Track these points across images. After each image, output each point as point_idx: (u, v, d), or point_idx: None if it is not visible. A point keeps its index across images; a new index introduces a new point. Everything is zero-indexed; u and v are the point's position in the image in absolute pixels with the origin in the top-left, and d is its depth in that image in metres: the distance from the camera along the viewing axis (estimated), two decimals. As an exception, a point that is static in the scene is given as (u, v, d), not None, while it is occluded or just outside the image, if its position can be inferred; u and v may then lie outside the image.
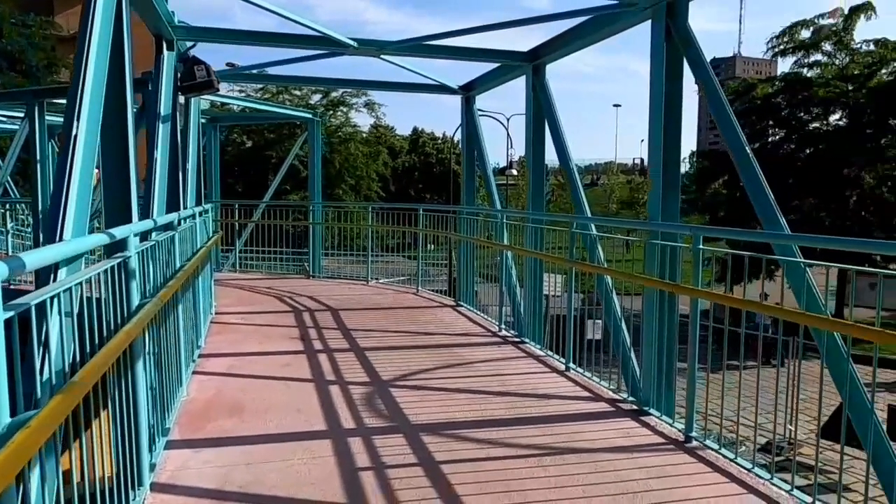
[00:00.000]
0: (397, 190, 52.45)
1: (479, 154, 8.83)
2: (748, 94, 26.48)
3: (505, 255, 7.41)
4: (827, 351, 3.31)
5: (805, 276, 3.40)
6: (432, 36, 6.90)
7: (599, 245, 5.60)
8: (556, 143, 6.58)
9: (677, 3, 4.54)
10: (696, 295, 3.84)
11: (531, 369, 5.74)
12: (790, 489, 3.31)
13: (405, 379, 5.38)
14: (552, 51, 6.51)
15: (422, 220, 9.47)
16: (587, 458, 3.78)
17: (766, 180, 4.06)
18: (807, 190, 24.10)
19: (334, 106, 36.72)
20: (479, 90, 8.63)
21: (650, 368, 4.53)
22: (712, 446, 3.89)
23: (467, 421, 4.39)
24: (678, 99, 4.65)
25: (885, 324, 3.04)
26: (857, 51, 24.39)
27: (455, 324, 7.62)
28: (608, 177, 67.65)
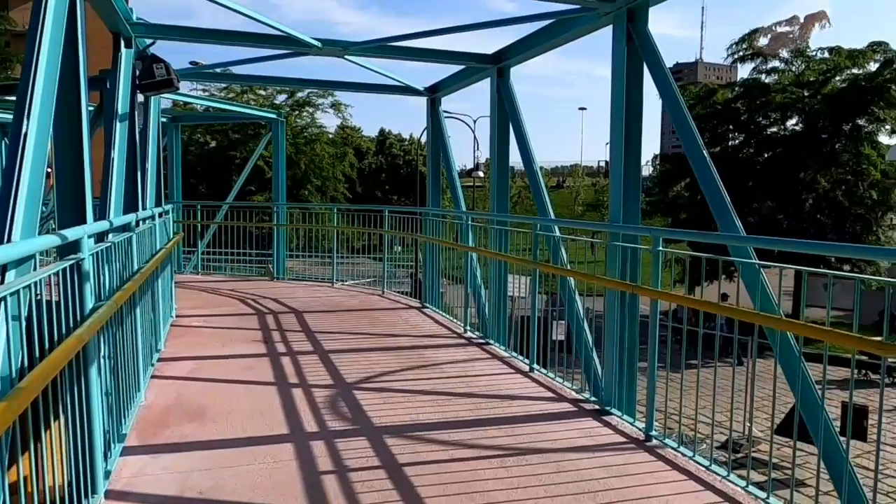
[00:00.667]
0: (364, 191, 52.20)
1: (444, 156, 8.84)
2: (709, 99, 27.02)
3: (470, 257, 7.43)
4: (780, 350, 3.41)
5: (759, 276, 3.49)
6: (397, 37, 6.90)
7: (563, 247, 5.65)
8: (521, 145, 6.63)
9: (637, 8, 4.62)
10: (656, 296, 3.91)
11: (496, 370, 5.76)
12: (746, 485, 3.39)
13: (369, 381, 5.35)
14: (516, 53, 6.56)
15: (387, 221, 9.44)
16: (550, 458, 3.81)
17: (722, 183, 4.15)
18: (765, 193, 24.69)
19: (300, 106, 36.31)
20: (444, 92, 8.64)
21: (612, 369, 4.59)
22: (671, 445, 3.96)
23: (431, 422, 4.39)
24: (638, 102, 4.72)
25: (838, 323, 3.14)
26: (813, 58, 25.10)
27: (420, 325, 7.61)
28: (574, 179, 68.39)
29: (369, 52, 7.02)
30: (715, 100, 26.71)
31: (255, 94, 34.39)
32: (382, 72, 8.12)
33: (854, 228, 23.74)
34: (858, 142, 23.85)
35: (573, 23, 5.41)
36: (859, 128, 23.90)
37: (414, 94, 8.94)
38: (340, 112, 37.13)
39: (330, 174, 38.25)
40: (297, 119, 36.58)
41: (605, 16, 4.86)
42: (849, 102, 23.28)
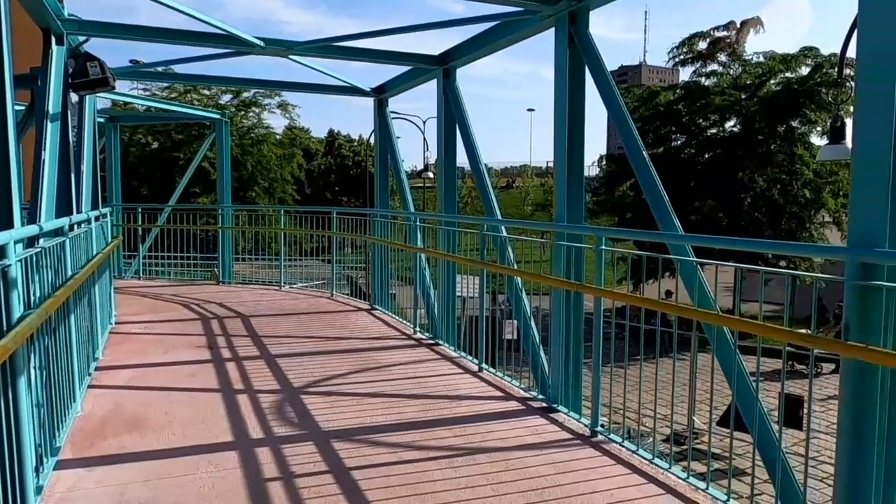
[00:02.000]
0: (313, 193, 51.54)
1: (392, 157, 8.81)
2: (652, 101, 27.74)
3: (419, 258, 7.42)
4: (717, 344, 3.52)
5: (697, 273, 3.60)
6: (343, 37, 6.83)
7: (510, 246, 5.70)
8: (467, 146, 6.66)
9: (579, 12, 4.70)
10: (599, 294, 3.98)
11: (445, 371, 5.77)
12: (686, 476, 3.49)
13: (317, 385, 5.29)
14: (461, 55, 6.59)
15: (335, 223, 9.35)
16: (498, 457, 3.83)
17: (661, 183, 4.26)
18: (706, 192, 25.50)
19: (246, 106, 35.62)
20: (391, 93, 8.61)
21: (558, 366, 4.65)
22: (616, 440, 4.04)
23: (380, 425, 4.37)
24: (581, 104, 4.80)
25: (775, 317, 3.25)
26: (749, 62, 26.06)
27: (370, 327, 7.56)
28: (523, 180, 69.21)
29: (314, 52, 6.94)
30: (658, 102, 27.43)
31: (199, 93, 33.57)
32: (328, 72, 8.03)
33: (789, 226, 24.73)
34: (792, 143, 24.87)
35: (517, 25, 5.47)
36: (793, 129, 24.93)
37: (361, 95, 8.87)
38: (288, 113, 36.58)
39: (278, 175, 37.64)
40: (244, 120, 35.89)
41: (547, 18, 4.93)
42: (783, 105, 24.26)
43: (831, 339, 2.70)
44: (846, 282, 2.67)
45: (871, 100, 2.70)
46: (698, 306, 3.40)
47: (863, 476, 2.64)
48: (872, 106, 2.69)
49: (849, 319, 2.64)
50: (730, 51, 26.10)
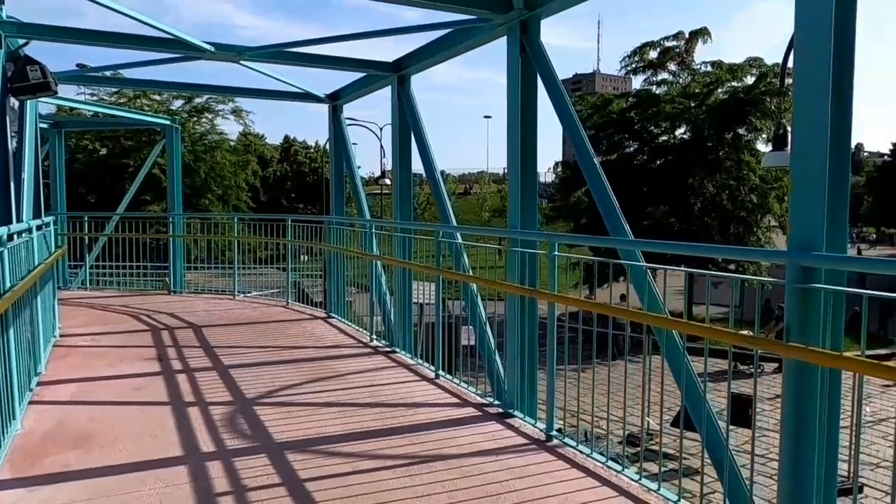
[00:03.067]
0: (269, 200, 50.88)
1: (347, 163, 8.75)
2: (605, 109, 28.28)
3: (375, 265, 7.38)
4: (666, 347, 3.60)
5: (646, 278, 3.67)
6: (295, 43, 6.77)
7: (465, 253, 5.72)
8: (422, 153, 6.66)
9: (530, 21, 4.76)
10: (553, 299, 4.02)
11: (402, 378, 5.74)
12: (639, 478, 3.54)
13: (271, 396, 5.20)
14: (416, 62, 6.60)
15: (290, 230, 9.23)
16: (454, 464, 3.83)
17: (611, 190, 4.33)
18: (659, 198, 26.10)
19: (198, 112, 34.92)
20: (346, 99, 8.56)
21: (514, 372, 4.68)
22: (571, 443, 4.08)
23: (335, 435, 4.32)
24: (533, 112, 4.86)
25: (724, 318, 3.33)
26: (697, 71, 26.83)
27: (326, 336, 7.48)
28: (480, 186, 69.61)
29: (266, 57, 6.85)
30: (611, 109, 27.98)
31: (150, 99, 32.82)
32: (282, 78, 7.94)
33: (737, 230, 25.49)
34: (739, 149, 25.68)
35: (470, 33, 5.51)
36: (739, 136, 25.75)
37: (315, 101, 8.80)
38: (242, 119, 36.05)
39: (232, 183, 37.02)
40: (196, 126, 35.18)
41: (499, 27, 4.98)
42: (730, 113, 25.03)
43: (773, 341, 2.79)
44: (787, 284, 2.76)
45: (807, 109, 2.80)
46: (648, 310, 3.47)
47: (804, 472, 2.73)
48: (808, 115, 2.79)
49: (790, 321, 2.73)
50: (679, 60, 26.82)
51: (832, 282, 2.72)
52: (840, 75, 2.80)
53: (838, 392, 2.79)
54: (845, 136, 2.83)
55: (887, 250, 54.90)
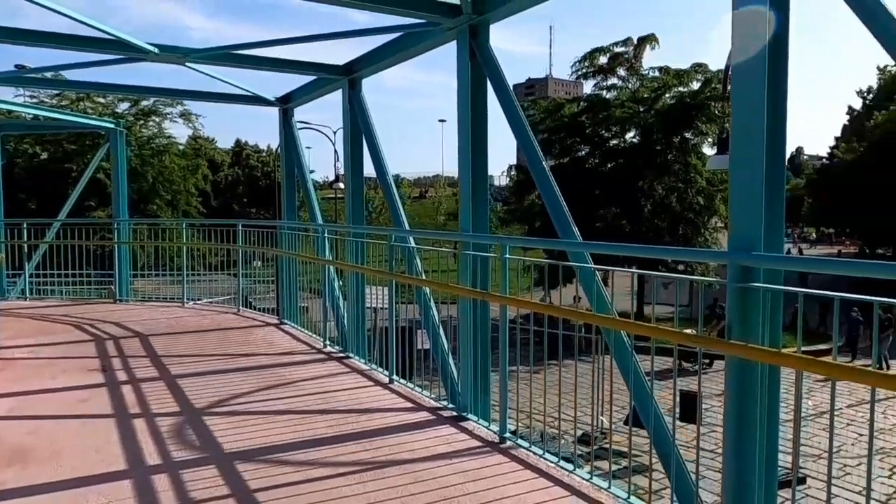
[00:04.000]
0: (220, 205, 49.91)
1: (299, 167, 8.65)
2: (557, 113, 28.74)
3: (328, 270, 7.31)
4: (615, 347, 3.66)
5: (595, 279, 3.73)
6: (243, 45, 6.65)
7: (418, 256, 5.71)
8: (374, 157, 6.63)
9: (479, 25, 4.79)
10: (504, 302, 4.05)
11: (355, 384, 5.69)
12: (590, 477, 3.59)
13: (221, 405, 5.08)
14: (367, 65, 6.57)
15: (240, 236, 9.06)
16: (408, 469, 3.81)
17: (560, 193, 4.39)
18: (610, 200, 26.64)
19: (145, 115, 34.09)
20: (296, 102, 8.46)
21: (467, 375, 4.69)
22: (524, 445, 4.11)
23: (287, 443, 4.25)
24: (483, 116, 4.89)
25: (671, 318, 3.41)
26: (646, 76, 27.50)
27: (278, 343, 7.36)
28: (436, 190, 69.78)
29: (213, 59, 6.71)
30: (563, 113, 28.44)
31: (94, 101, 31.84)
32: (231, 81, 7.79)
33: (686, 231, 26.19)
34: (686, 153, 26.42)
35: (420, 37, 5.51)
36: (686, 140, 26.49)
37: (265, 105, 8.67)
38: (191, 122, 35.34)
39: (181, 187, 36.21)
40: (143, 129, 34.33)
41: (448, 31, 5.00)
42: (677, 117, 25.74)
43: (715, 339, 2.87)
44: (728, 284, 2.84)
45: (744, 115, 2.89)
46: (597, 311, 3.52)
47: (746, 465, 2.81)
48: (745, 121, 2.88)
49: (731, 319, 2.81)
50: (628, 66, 27.45)
51: (771, 281, 2.81)
52: (775, 82, 2.91)
53: (777, 387, 2.89)
54: (780, 141, 2.94)
55: (826, 249, 57.21)
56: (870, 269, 2.48)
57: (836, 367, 2.46)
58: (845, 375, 2.42)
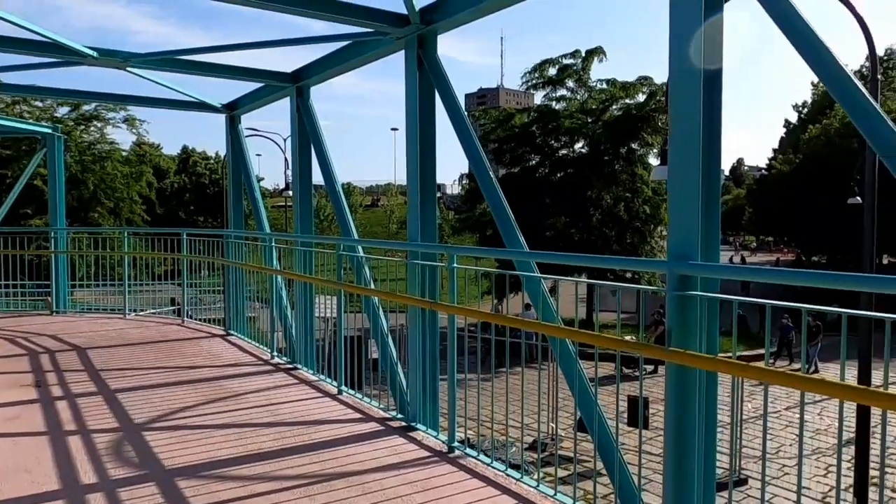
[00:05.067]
0: (166, 213, 48.57)
1: (246, 175, 8.50)
2: (508, 123, 29.07)
3: (275, 280, 7.19)
4: (560, 354, 3.71)
5: (541, 288, 3.78)
6: (188, 50, 6.51)
7: (367, 266, 5.68)
8: (322, 165, 6.57)
9: (427, 35, 4.82)
10: (452, 311, 4.06)
11: (303, 396, 5.61)
12: (537, 485, 3.62)
13: (163, 420, 4.93)
14: (315, 73, 6.51)
15: (185, 245, 8.84)
16: (355, 481, 3.77)
17: (506, 202, 4.44)
18: (560, 209, 27.06)
19: (86, 120, 32.88)
20: (244, 109, 8.32)
21: (416, 384, 4.68)
22: (472, 453, 4.12)
23: (231, 458, 4.15)
24: (431, 125, 4.91)
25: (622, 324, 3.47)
26: (594, 88, 28.11)
27: (224, 354, 7.20)
28: (388, 198, 69.58)
29: (156, 64, 6.55)
30: (513, 123, 28.79)
31: (31, 105, 30.59)
32: (174, 86, 7.61)
33: (633, 240, 26.80)
34: (633, 163, 27.09)
35: (368, 46, 5.51)
36: (633, 151, 27.16)
37: (211, 111, 8.49)
38: (135, 128, 34.25)
39: (125, 195, 35.09)
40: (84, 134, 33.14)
41: (397, 41, 5.01)
42: (624, 128, 26.38)
43: (656, 346, 2.94)
44: (668, 292, 2.92)
45: (681, 128, 2.99)
46: (542, 319, 3.57)
47: (686, 467, 2.88)
48: (682, 133, 2.98)
49: (670, 326, 2.88)
50: (577, 78, 28.01)
51: (707, 289, 2.90)
52: (710, 97, 3.00)
53: (715, 392, 2.98)
54: (716, 155, 3.04)
55: (766, 257, 59.42)
56: (794, 277, 2.59)
57: (768, 372, 2.55)
58: (775, 379, 2.51)
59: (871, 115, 2.73)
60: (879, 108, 2.81)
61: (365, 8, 4.92)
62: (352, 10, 4.85)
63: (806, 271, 2.89)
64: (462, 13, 4.51)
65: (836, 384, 2.28)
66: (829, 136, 34.31)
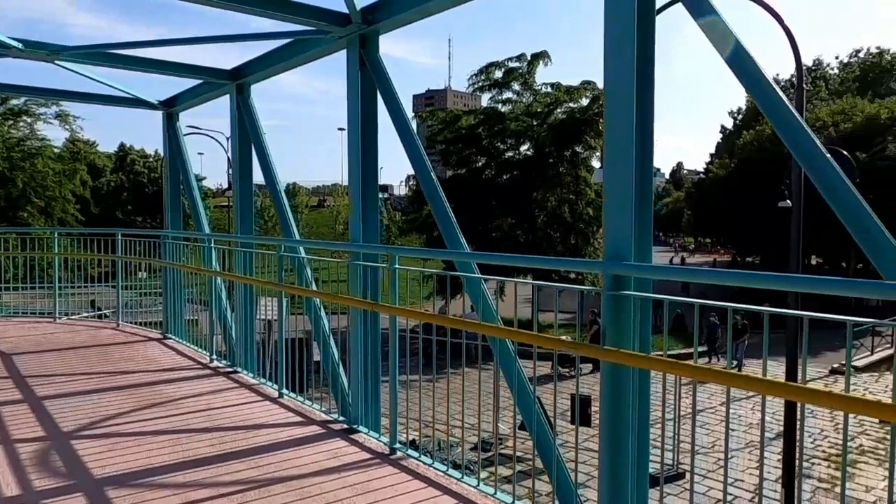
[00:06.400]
0: (102, 212, 46.84)
1: (184, 174, 8.27)
2: (455, 124, 29.21)
3: (215, 281, 7.02)
4: (500, 354, 3.75)
5: (481, 289, 3.81)
6: (123, 44, 6.29)
7: (309, 267, 5.61)
8: (263, 164, 6.45)
9: (369, 35, 4.79)
10: (393, 312, 4.05)
11: (242, 400, 5.49)
12: (477, 484, 3.65)
13: (93, 427, 4.75)
14: (255, 70, 6.39)
15: (120, 246, 8.53)
16: (294, 486, 3.71)
17: (448, 203, 4.46)
18: (506, 211, 27.35)
19: (15, 115, 31.46)
20: (182, 106, 8.09)
21: (358, 386, 4.65)
22: (413, 455, 4.11)
23: (165, 465, 4.02)
24: (374, 125, 4.88)
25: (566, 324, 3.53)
26: (539, 91, 28.53)
27: (160, 359, 6.98)
28: (335, 199, 68.85)
29: (86, 58, 6.30)
30: (460, 125, 28.95)
31: (-49, 99, 29.06)
32: (108, 82, 7.34)
33: (577, 241, 27.31)
34: (577, 166, 27.61)
35: (310, 44, 5.44)
36: (577, 154, 27.69)
37: (147, 108, 8.23)
38: (68, 124, 32.95)
39: (57, 193, 33.69)
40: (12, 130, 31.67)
41: (339, 40, 4.96)
42: (568, 132, 26.86)
43: (591, 345, 3.00)
44: (603, 292, 2.98)
45: (615, 131, 3.06)
46: (483, 320, 3.60)
47: (621, 463, 2.95)
48: (616, 136, 3.05)
49: (605, 326, 2.95)
50: (522, 81, 28.37)
51: (641, 289, 2.98)
52: (643, 102, 3.09)
53: (648, 389, 3.06)
54: (648, 157, 3.13)
55: (704, 258, 61.52)
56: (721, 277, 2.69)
57: (697, 370, 2.64)
58: (701, 376, 2.60)
59: (794, 127, 2.87)
60: (803, 121, 2.95)
61: (306, 6, 4.86)
62: (293, 8, 4.78)
63: (731, 271, 3.02)
64: (404, 13, 4.51)
65: (757, 379, 2.38)
66: (762, 142, 35.80)
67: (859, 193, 2.78)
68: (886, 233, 2.70)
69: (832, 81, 53.53)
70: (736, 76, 2.90)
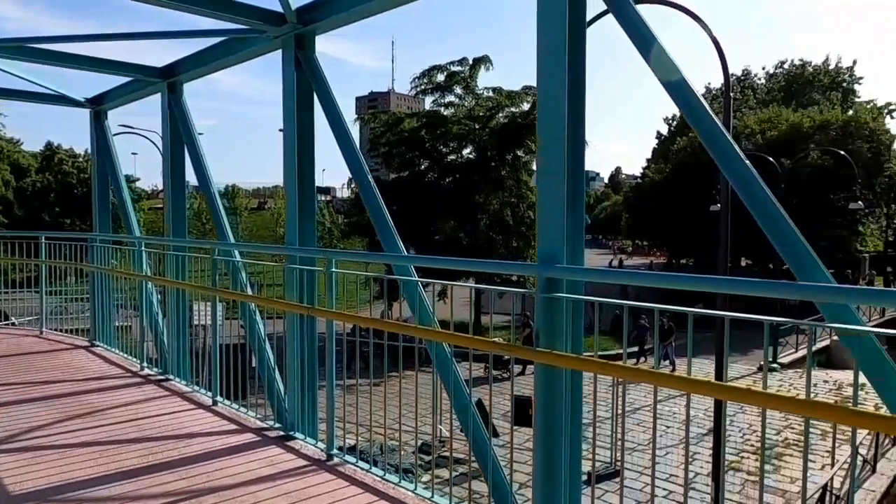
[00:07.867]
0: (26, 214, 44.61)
1: (113, 175, 7.96)
2: (398, 127, 29.14)
3: (145, 286, 6.78)
4: (437, 357, 3.76)
5: (418, 292, 3.81)
6: (46, 38, 6.02)
7: (243, 270, 5.48)
8: (196, 165, 6.27)
9: (305, 35, 4.73)
10: (330, 317, 4.00)
11: (174, 408, 5.32)
12: (414, 488, 3.64)
13: (11, 441, 4.51)
14: (187, 69, 6.21)
15: (43, 249, 8.14)
16: (227, 496, 3.62)
17: (384, 206, 4.44)
18: (449, 214, 27.45)
19: (-71, 111, 29.63)
20: (110, 105, 7.79)
21: (294, 392, 4.57)
22: (351, 460, 4.07)
23: (90, 478, 3.86)
24: (310, 127, 4.82)
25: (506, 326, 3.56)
26: (481, 96, 28.78)
27: (87, 367, 6.69)
28: (275, 201, 67.52)
29: (8, 53, 5.99)
30: (403, 128, 28.90)
31: None
32: (30, 77, 6.99)
33: (518, 244, 27.65)
34: (518, 169, 27.98)
35: (245, 43, 5.33)
36: (519, 158, 28.06)
37: (73, 105, 7.88)
38: (-11, 121, 31.21)
39: (-24, 194, 31.89)
40: (-75, 126, 29.80)
41: (274, 39, 4.88)
42: (509, 136, 27.19)
43: (525, 347, 3.04)
44: (537, 294, 3.03)
45: (548, 139, 3.12)
46: (420, 323, 3.59)
47: (555, 463, 3.00)
48: (548, 144, 3.11)
49: (538, 328, 2.99)
50: (464, 84, 28.56)
51: (572, 291, 3.04)
52: (575, 108, 3.16)
53: (580, 389, 3.12)
54: (580, 161, 3.20)
55: (641, 260, 63.28)
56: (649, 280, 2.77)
57: (627, 370, 2.71)
58: (630, 376, 2.68)
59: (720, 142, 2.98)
60: (729, 136, 3.07)
61: (240, 4, 4.75)
62: (227, 6, 4.68)
63: (657, 273, 3.11)
64: (340, 14, 4.46)
65: (683, 378, 2.46)
66: (695, 148, 37.12)
67: (777, 201, 2.92)
68: (801, 237, 2.84)
69: (759, 91, 56.09)
70: (668, 93, 3.00)
